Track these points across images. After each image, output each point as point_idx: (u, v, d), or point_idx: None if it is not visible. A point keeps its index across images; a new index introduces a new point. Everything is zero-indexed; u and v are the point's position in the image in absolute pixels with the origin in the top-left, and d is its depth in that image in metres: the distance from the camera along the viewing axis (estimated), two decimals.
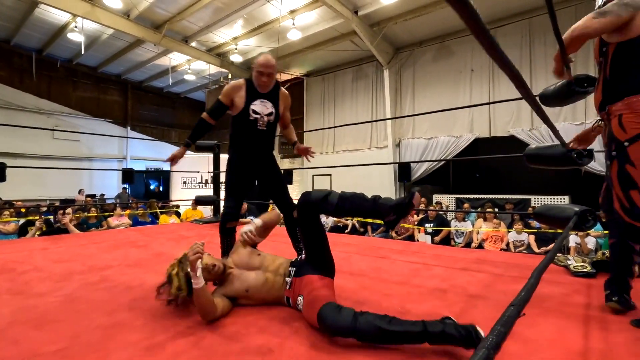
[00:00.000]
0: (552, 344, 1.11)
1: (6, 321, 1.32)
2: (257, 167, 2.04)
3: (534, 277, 0.84)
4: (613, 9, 1.21)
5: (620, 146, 1.26)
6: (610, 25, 1.19)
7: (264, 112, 1.96)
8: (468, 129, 8.04)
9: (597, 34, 1.23)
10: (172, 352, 1.08)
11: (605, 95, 1.32)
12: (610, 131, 1.30)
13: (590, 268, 1.78)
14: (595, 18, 1.21)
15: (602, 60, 1.33)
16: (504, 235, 4.91)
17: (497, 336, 0.55)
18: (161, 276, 1.92)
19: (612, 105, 1.29)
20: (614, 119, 1.28)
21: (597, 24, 1.20)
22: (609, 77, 1.30)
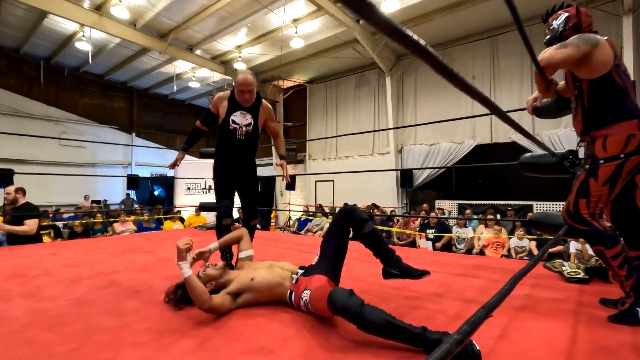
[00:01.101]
0: (540, 345, 1.16)
1: (20, 323, 1.39)
2: (237, 172, 2.22)
3: (509, 284, 0.89)
4: (573, 42, 1.37)
5: (596, 162, 1.40)
6: (572, 56, 1.34)
7: (242, 123, 2.14)
8: (470, 135, 8.09)
9: (563, 62, 1.38)
10: (178, 353, 1.14)
11: (586, 124, 1.49)
12: (592, 150, 1.44)
13: (584, 274, 1.83)
14: (558, 49, 1.37)
15: (578, 93, 1.50)
16: (505, 241, 4.93)
17: (462, 334, 0.61)
18: (167, 281, 2.00)
19: (596, 131, 1.45)
20: (598, 140, 1.42)
21: (559, 55, 1.35)
22: (588, 108, 1.47)
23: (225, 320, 1.42)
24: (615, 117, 1.40)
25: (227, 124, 2.13)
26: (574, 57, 1.36)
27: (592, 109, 1.46)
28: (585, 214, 1.39)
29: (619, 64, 1.43)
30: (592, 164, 1.42)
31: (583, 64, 1.40)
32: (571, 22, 1.51)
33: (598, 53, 1.38)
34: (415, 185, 8.88)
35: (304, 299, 1.41)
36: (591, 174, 1.40)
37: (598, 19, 6.56)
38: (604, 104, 1.43)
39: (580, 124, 1.51)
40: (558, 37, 1.53)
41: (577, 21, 1.51)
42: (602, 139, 1.41)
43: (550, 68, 1.40)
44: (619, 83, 1.41)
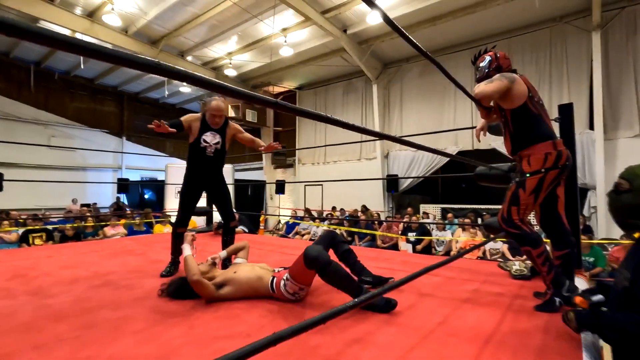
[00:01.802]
0: (470, 328, 1.40)
1: (30, 316, 1.58)
2: (208, 184, 2.55)
3: (421, 271, 1.12)
4: (497, 78, 1.68)
5: (523, 176, 1.68)
6: (499, 87, 1.63)
7: (212, 142, 2.46)
8: (453, 142, 8.42)
9: (493, 93, 1.66)
10: (169, 337, 1.36)
11: (514, 145, 1.78)
12: (521, 167, 1.73)
13: (527, 272, 2.09)
14: (487, 84, 1.66)
15: (504, 120, 1.80)
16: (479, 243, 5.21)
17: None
18: (159, 280, 2.21)
19: (522, 151, 1.74)
20: (524, 159, 1.72)
21: (489, 88, 1.65)
22: (513, 132, 1.76)
23: (211, 312, 1.64)
24: (534, 139, 1.69)
25: (199, 143, 2.44)
26: (500, 89, 1.64)
27: (516, 133, 1.75)
28: (516, 219, 1.66)
29: (532, 96, 1.72)
30: (520, 177, 1.69)
31: (505, 96, 1.68)
32: (493, 64, 1.81)
33: (515, 87, 1.68)
34: (400, 190, 9.16)
35: (284, 280, 1.71)
36: (520, 185, 1.67)
37: (570, 34, 6.98)
38: (524, 129, 1.71)
39: (510, 145, 1.80)
40: (485, 76, 1.82)
41: (498, 64, 1.81)
42: (527, 157, 1.69)
43: (485, 99, 1.67)
44: (533, 112, 1.71)
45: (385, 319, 1.51)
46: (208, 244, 3.64)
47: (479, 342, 1.27)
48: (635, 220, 1.11)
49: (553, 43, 7.24)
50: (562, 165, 1.63)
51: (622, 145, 6.35)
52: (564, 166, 1.64)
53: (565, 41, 7.08)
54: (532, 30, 7.44)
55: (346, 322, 1.50)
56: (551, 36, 7.27)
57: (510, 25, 7.52)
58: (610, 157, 6.33)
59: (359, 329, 1.42)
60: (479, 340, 1.29)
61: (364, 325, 1.46)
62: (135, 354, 1.22)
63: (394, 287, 1.09)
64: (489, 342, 1.27)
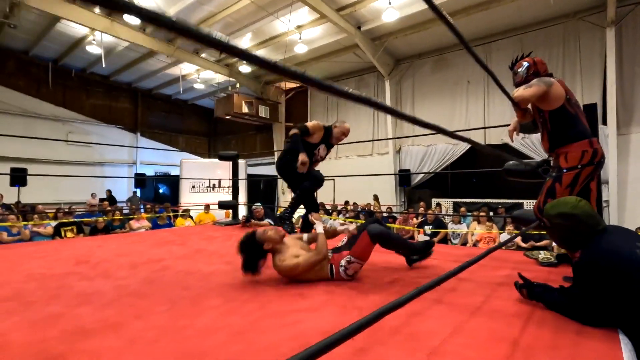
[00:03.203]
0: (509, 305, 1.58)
1: (114, 294, 1.78)
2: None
3: (478, 257, 1.28)
4: (535, 83, 1.84)
5: (560, 171, 1.85)
6: (536, 92, 1.78)
7: (321, 154, 2.82)
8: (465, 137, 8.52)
9: (531, 97, 1.83)
10: (247, 311, 1.55)
11: (551, 143, 1.95)
12: (557, 163, 1.91)
13: (554, 259, 2.26)
14: (525, 89, 1.81)
15: (542, 120, 1.96)
16: (496, 236, 5.38)
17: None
18: (211, 266, 2.41)
19: (559, 148, 1.91)
20: (561, 156, 1.89)
21: (527, 93, 1.82)
22: (551, 131, 1.93)
23: (274, 291, 1.83)
24: (571, 138, 1.86)
25: (312, 150, 2.74)
26: (538, 93, 1.80)
27: (554, 132, 1.91)
28: None
29: (570, 98, 1.87)
30: (557, 172, 1.86)
31: (544, 99, 1.84)
32: (531, 70, 1.97)
33: (553, 90, 1.83)
34: (412, 185, 9.31)
35: (343, 265, 1.92)
36: (557, 180, 1.85)
37: (583, 30, 7.04)
38: (562, 128, 1.87)
39: (547, 143, 1.96)
40: (523, 81, 1.97)
41: (536, 69, 1.96)
42: (564, 155, 1.86)
43: (523, 102, 1.83)
44: (571, 112, 1.87)
45: (434, 298, 1.69)
46: (241, 235, 3.83)
47: (522, 318, 1.44)
48: (565, 246, 1.51)
49: (566, 39, 7.31)
50: (597, 162, 1.80)
51: (635, 140, 6.45)
52: (599, 163, 1.81)
53: (578, 37, 7.15)
54: (545, 27, 7.52)
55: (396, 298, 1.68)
56: (564, 32, 7.34)
57: (523, 21, 7.59)
58: (623, 152, 6.43)
59: (412, 306, 1.60)
60: (522, 317, 1.46)
61: (415, 303, 1.64)
62: (224, 324, 1.41)
63: (455, 273, 1.26)
64: (531, 319, 1.44)
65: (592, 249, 1.32)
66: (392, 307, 0.89)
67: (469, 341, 1.24)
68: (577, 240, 1.39)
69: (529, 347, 1.20)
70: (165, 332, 1.33)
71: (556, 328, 1.34)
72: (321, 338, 1.30)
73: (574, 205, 1.40)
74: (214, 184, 10.40)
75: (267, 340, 1.26)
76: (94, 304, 1.63)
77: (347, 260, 1.95)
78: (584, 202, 1.41)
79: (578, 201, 1.41)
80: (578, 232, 1.38)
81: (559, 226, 1.43)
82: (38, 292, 1.80)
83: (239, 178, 4.82)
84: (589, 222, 1.37)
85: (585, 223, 1.37)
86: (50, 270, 2.26)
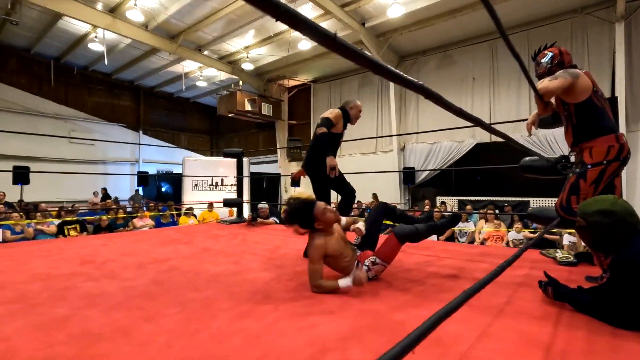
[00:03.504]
0: (533, 307, 1.52)
1: (121, 296, 1.73)
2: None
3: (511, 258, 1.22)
4: (561, 75, 1.75)
5: (585, 167, 1.78)
6: (562, 84, 1.70)
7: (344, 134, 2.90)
8: (470, 134, 8.44)
9: (556, 90, 1.74)
10: (260, 314, 1.49)
11: (575, 137, 1.87)
12: (582, 158, 1.83)
13: (573, 258, 2.19)
14: (550, 80, 1.72)
15: (567, 114, 1.87)
16: (504, 234, 5.31)
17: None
18: (219, 266, 2.35)
19: (584, 143, 1.83)
20: (586, 150, 1.81)
21: (553, 85, 1.73)
22: (576, 125, 1.84)
23: (287, 292, 1.76)
24: (597, 132, 1.78)
25: (341, 135, 2.83)
26: (564, 86, 1.72)
27: (579, 126, 1.83)
28: (575, 207, 1.75)
29: (597, 90, 1.79)
30: (581, 168, 1.78)
31: (569, 92, 1.76)
32: (556, 60, 1.88)
33: (579, 82, 1.75)
34: (417, 182, 9.23)
35: (367, 266, 1.87)
36: (581, 176, 1.77)
37: (591, 26, 6.94)
38: (588, 122, 1.79)
39: (571, 138, 1.87)
40: (547, 72, 1.89)
41: (561, 59, 1.87)
42: (589, 150, 1.78)
43: (547, 95, 1.75)
44: (598, 105, 1.78)
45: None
46: (247, 233, 3.78)
47: (550, 321, 1.38)
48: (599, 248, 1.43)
49: (574, 35, 7.20)
50: (623, 158, 1.73)
51: None
52: (625, 159, 1.73)
53: (586, 32, 7.05)
54: (553, 22, 7.41)
55: (418, 299, 1.62)
56: (572, 28, 7.23)
57: (529, 17, 7.48)
58: (632, 149, 6.30)
59: (434, 307, 1.53)
60: (550, 319, 1.39)
61: (437, 304, 1.58)
62: (238, 328, 1.35)
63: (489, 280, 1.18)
64: (559, 321, 1.38)
65: (633, 249, 1.25)
66: (446, 313, 0.80)
67: (499, 346, 1.18)
68: (614, 241, 1.31)
69: (563, 352, 1.13)
70: (178, 336, 1.27)
71: (589, 331, 1.27)
72: (339, 343, 1.25)
73: (612, 202, 1.32)
74: (217, 182, 10.34)
75: (285, 345, 1.20)
76: (101, 306, 1.57)
77: (371, 261, 1.87)
78: (622, 199, 1.34)
79: (616, 199, 1.34)
80: (617, 231, 1.30)
81: (595, 225, 1.35)
82: (43, 294, 1.75)
83: (243, 176, 4.75)
84: (630, 221, 1.30)
85: (625, 221, 1.29)
86: (55, 270, 2.21)
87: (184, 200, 9.74)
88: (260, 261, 2.52)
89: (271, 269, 2.29)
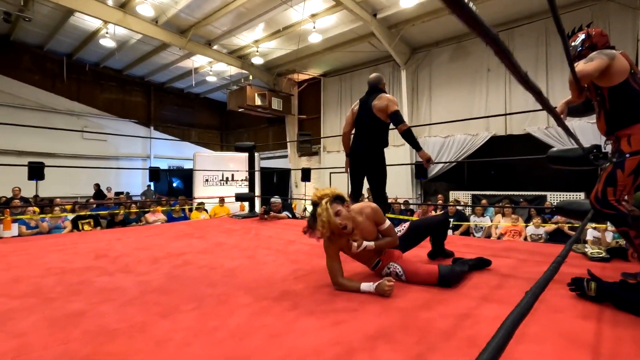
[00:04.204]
0: (570, 306, 1.42)
1: (136, 291, 1.68)
2: None
3: (554, 266, 1.10)
4: (596, 56, 1.61)
5: (622, 156, 1.65)
6: (600, 66, 1.57)
7: None
8: (484, 127, 8.25)
9: (594, 72, 1.60)
10: (280, 310, 1.43)
11: (609, 125, 1.73)
12: (619, 146, 1.69)
13: (605, 254, 2.07)
14: (585, 63, 1.60)
15: (599, 99, 1.73)
16: (522, 229, 5.16)
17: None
18: (234, 261, 2.30)
19: (620, 130, 1.69)
20: (623, 138, 1.67)
21: (590, 67, 1.59)
22: (610, 111, 1.70)
23: (306, 289, 1.70)
24: (635, 118, 1.64)
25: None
26: (601, 67, 1.58)
27: (613, 112, 1.69)
28: (612, 200, 1.63)
29: (635, 72, 1.65)
30: (619, 157, 1.66)
31: (604, 74, 1.63)
32: (587, 43, 1.74)
33: (616, 64, 1.62)
34: (429, 177, 9.08)
35: (394, 269, 1.78)
36: (618, 166, 1.64)
37: (613, 13, 6.67)
38: (624, 107, 1.66)
39: (604, 125, 1.75)
40: (577, 55, 1.75)
41: (593, 41, 1.74)
42: (627, 137, 1.65)
43: (584, 78, 1.61)
44: (635, 89, 1.65)
45: (482, 295, 1.54)
46: (260, 228, 3.73)
47: (592, 319, 1.28)
48: None
49: (595, 23, 6.91)
50: None
51: None
52: None
53: (608, 20, 6.78)
54: (572, 10, 7.14)
55: (443, 296, 1.54)
56: (592, 15, 6.95)
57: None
58: None
59: (461, 305, 1.46)
60: (591, 318, 1.30)
61: (464, 301, 1.50)
62: (258, 325, 1.29)
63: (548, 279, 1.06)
64: (602, 320, 1.28)
65: None
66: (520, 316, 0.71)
67: (540, 347, 1.09)
68: None
69: (613, 354, 1.04)
70: (196, 334, 1.21)
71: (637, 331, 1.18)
72: (367, 343, 1.17)
73: None
74: (227, 178, 10.34)
75: (308, 345, 1.14)
76: (117, 301, 1.53)
77: (396, 271, 1.77)
78: None
79: None
80: None
81: None
82: (58, 288, 1.72)
83: (255, 170, 4.70)
84: None
85: None
86: (70, 264, 2.18)
87: (195, 195, 9.77)
88: (275, 256, 2.46)
89: (287, 264, 2.22)
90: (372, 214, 1.81)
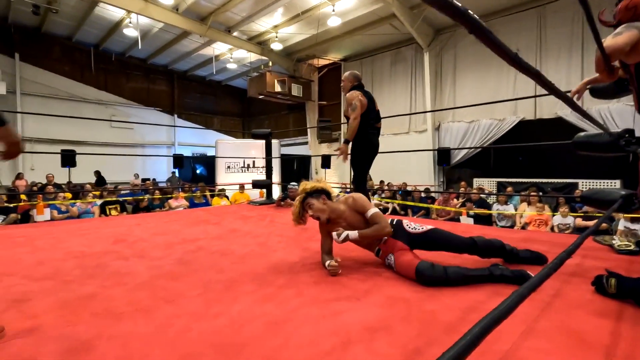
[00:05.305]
0: (590, 302, 1.33)
1: (147, 275, 1.73)
2: None
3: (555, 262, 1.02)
4: (624, 29, 1.41)
5: None
6: (629, 40, 1.36)
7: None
8: (511, 111, 7.88)
9: (625, 46, 1.39)
10: (283, 298, 1.42)
11: None
12: None
13: (635, 247, 1.93)
14: (614, 37, 1.40)
15: (629, 76, 1.57)
16: (548, 218, 4.94)
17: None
18: (245, 247, 2.32)
19: None
20: None
21: (619, 40, 1.39)
22: (639, 88, 1.53)
23: (311, 277, 1.69)
24: None
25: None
26: (633, 40, 1.39)
27: None
28: None
29: None
30: None
31: (633, 49, 1.44)
32: (618, 17, 1.51)
33: None
34: (452, 163, 8.82)
35: (388, 261, 1.74)
36: None
37: None
38: None
39: (637, 104, 1.59)
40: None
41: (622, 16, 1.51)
42: None
43: (615, 54, 1.44)
44: None
45: (494, 290, 1.47)
46: (275, 214, 3.76)
47: (610, 318, 1.20)
48: None
49: None
50: None
51: None
52: None
53: None
54: None
55: (452, 288, 1.49)
56: None
57: None
58: None
59: (469, 297, 1.40)
60: (609, 316, 1.21)
61: (472, 294, 1.44)
62: (260, 312, 1.29)
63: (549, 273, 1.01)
64: (621, 319, 1.20)
65: None
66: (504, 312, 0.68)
67: (548, 346, 1.03)
68: None
69: (627, 356, 0.97)
70: (197, 319, 1.23)
71: None
72: (365, 334, 1.15)
73: None
74: (249, 164, 10.46)
75: (306, 334, 1.13)
76: (127, 285, 1.58)
77: (390, 262, 1.74)
78: None
79: None
80: None
81: None
82: (75, 271, 1.79)
83: (272, 157, 4.71)
84: None
85: None
86: (90, 248, 2.28)
87: (217, 182, 9.97)
88: (286, 243, 2.47)
89: (297, 252, 2.22)
90: (353, 204, 1.87)
